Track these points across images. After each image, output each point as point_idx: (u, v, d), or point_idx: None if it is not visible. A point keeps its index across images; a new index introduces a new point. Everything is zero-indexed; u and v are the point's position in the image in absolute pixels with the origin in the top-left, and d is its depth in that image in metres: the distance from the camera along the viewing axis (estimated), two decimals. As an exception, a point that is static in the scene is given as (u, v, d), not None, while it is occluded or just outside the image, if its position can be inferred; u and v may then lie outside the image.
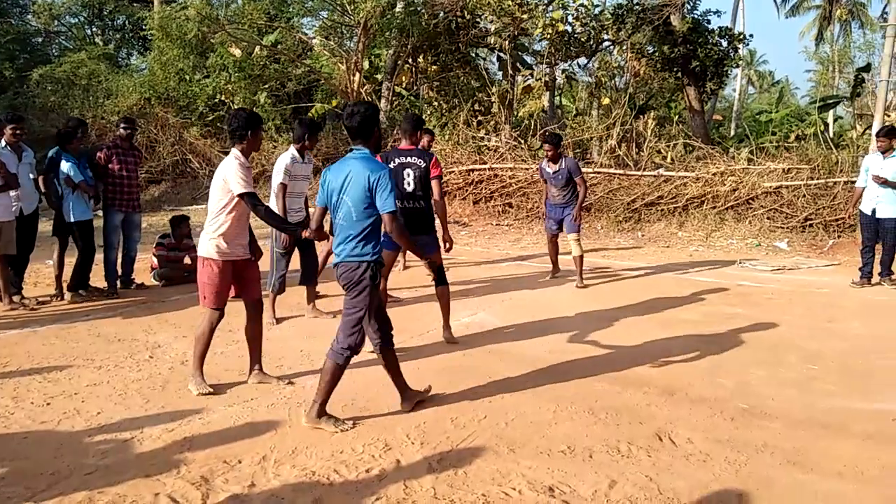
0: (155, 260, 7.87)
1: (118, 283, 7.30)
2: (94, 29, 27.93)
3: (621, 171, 12.96)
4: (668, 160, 13.36)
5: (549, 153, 7.83)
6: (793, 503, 3.13)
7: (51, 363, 4.95)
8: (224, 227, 4.30)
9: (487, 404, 4.26)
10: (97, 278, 7.39)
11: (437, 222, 5.55)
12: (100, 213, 7.33)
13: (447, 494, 3.17)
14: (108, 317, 6.33)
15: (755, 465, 3.49)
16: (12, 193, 6.36)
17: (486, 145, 14.51)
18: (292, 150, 6.17)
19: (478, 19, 16.75)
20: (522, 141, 14.44)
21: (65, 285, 6.95)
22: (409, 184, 5.33)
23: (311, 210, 6.09)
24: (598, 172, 12.98)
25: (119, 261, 7.34)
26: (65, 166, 6.67)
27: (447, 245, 5.50)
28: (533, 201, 13.09)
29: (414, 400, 4.19)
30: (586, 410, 4.17)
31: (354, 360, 5.04)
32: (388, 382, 4.57)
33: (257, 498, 3.13)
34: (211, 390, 4.35)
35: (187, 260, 7.97)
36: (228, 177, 4.22)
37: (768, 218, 11.41)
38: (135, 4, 24.06)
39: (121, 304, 6.87)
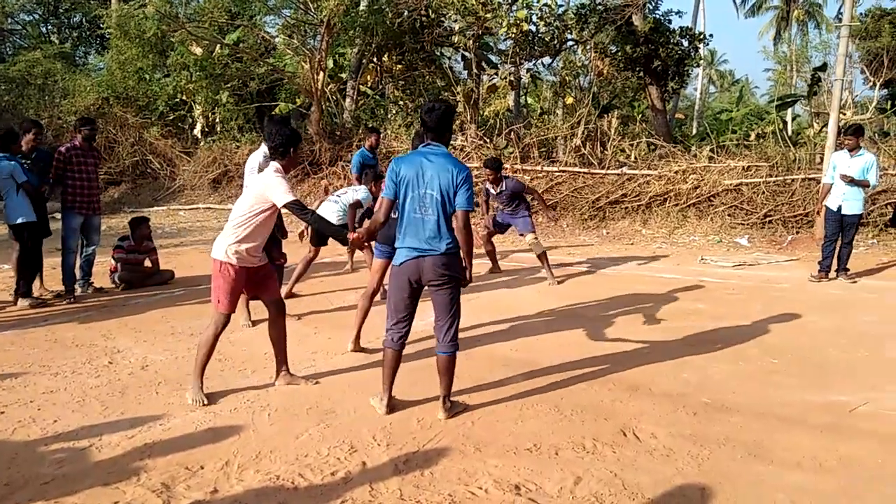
0: (114, 263, 7.69)
1: (77, 286, 7.12)
2: (49, 27, 27.22)
3: (586, 170, 13.08)
4: (632, 159, 13.52)
5: (490, 177, 8.07)
6: (754, 495, 3.18)
7: (6, 370, 4.80)
8: (248, 235, 4.21)
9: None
10: (54, 282, 7.21)
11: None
12: (57, 215, 7.15)
13: (413, 495, 3.15)
14: (66, 322, 6.17)
15: (717, 458, 3.55)
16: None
17: (451, 144, 14.51)
18: (264, 148, 6.07)
19: (442, 18, 16.73)
20: (488, 140, 14.47)
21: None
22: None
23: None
24: (564, 171, 13.08)
25: (77, 264, 7.17)
26: (7, 167, 6.45)
27: None
28: (499, 200, 13.13)
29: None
30: (552, 408, 4.19)
31: (317, 364, 5.03)
32: (353, 384, 4.56)
33: (220, 504, 3.08)
34: (206, 402, 4.22)
35: (147, 263, 7.81)
36: (272, 189, 4.12)
37: (729, 215, 11.63)
38: (92, 2, 23.54)
39: (79, 308, 6.70)
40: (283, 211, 4.28)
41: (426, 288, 4.00)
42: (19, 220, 6.55)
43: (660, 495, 3.17)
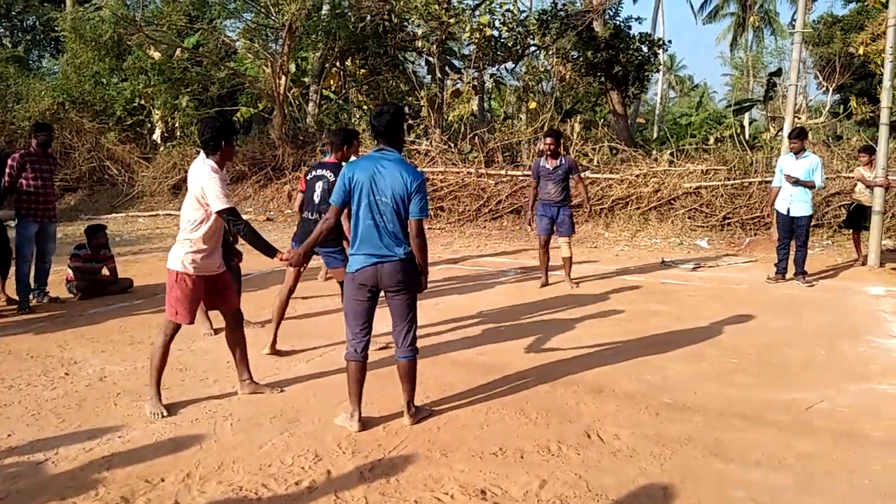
0: (70, 272, 7.50)
1: (31, 296, 6.93)
2: (1, 30, 26.51)
3: (549, 174, 13.18)
4: (594, 163, 13.69)
5: (551, 147, 7.63)
6: (715, 493, 3.24)
7: (-45, 384, 4.64)
8: (200, 242, 4.11)
9: (420, 409, 4.24)
10: (8, 291, 7.01)
11: None
12: (12, 223, 6.95)
13: (379, 503, 3.14)
14: (21, 333, 5.99)
15: (679, 458, 3.60)
16: None
17: (416, 149, 14.51)
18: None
19: (405, 23, 16.75)
20: (452, 144, 14.52)
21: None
22: (317, 196, 5.42)
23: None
24: (528, 175, 13.16)
25: (32, 273, 6.98)
26: None
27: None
28: (464, 204, 13.17)
29: None
30: (517, 411, 4.21)
31: (280, 372, 4.97)
32: (317, 392, 4.52)
33: (181, 517, 3.02)
34: (166, 413, 4.12)
35: (105, 271, 7.64)
36: (207, 191, 4.01)
37: (689, 217, 11.86)
38: (45, 5, 22.99)
39: (34, 318, 6.52)
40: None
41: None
42: None
43: (624, 496, 3.21)
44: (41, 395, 4.48)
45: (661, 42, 16.97)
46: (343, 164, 5.51)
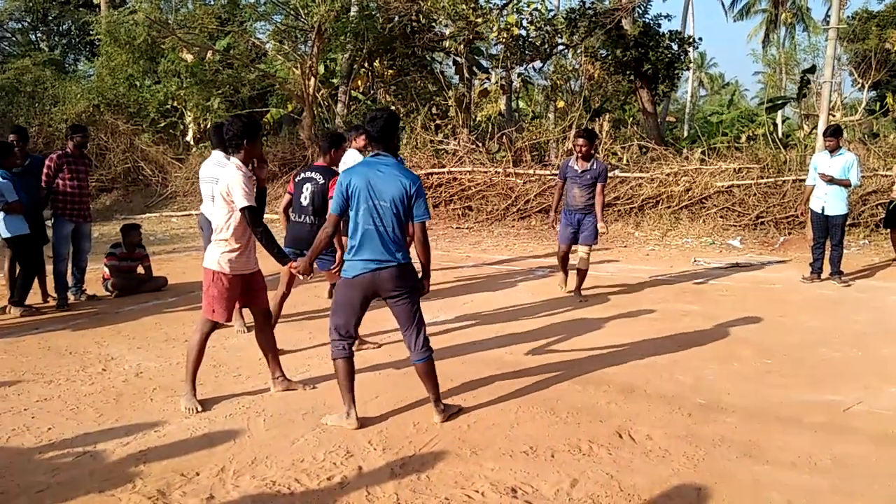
0: (106, 270, 7.66)
1: (69, 294, 7.09)
2: (38, 34, 27.13)
3: (578, 173, 13.11)
4: (624, 161, 13.59)
5: (582, 149, 6.98)
6: (749, 495, 3.20)
7: (-2, 379, 4.77)
8: (232, 241, 4.18)
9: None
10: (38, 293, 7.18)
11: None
12: (49, 222, 7.12)
13: (410, 499, 3.15)
14: (59, 329, 6.13)
15: (713, 459, 3.56)
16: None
17: (444, 149, 14.54)
18: (216, 156, 5.96)
19: (433, 23, 16.79)
20: (480, 144, 14.51)
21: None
22: (304, 198, 5.48)
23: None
24: (556, 174, 13.10)
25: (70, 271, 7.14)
26: (1, 186, 6.40)
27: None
28: (492, 204, 13.16)
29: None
30: (548, 410, 4.20)
31: (311, 369, 5.02)
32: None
33: (216, 510, 3.06)
34: (200, 408, 4.18)
35: (140, 269, 7.78)
36: (232, 188, 4.07)
37: (721, 216, 11.70)
38: (81, 9, 23.47)
39: (72, 316, 6.67)
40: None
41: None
42: (5, 235, 6.51)
43: (656, 496, 3.18)
44: (80, 389, 4.58)
45: (690, 39, 16.80)
46: (333, 167, 5.54)
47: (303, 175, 5.57)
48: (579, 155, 7.04)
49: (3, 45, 27.05)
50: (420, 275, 3.99)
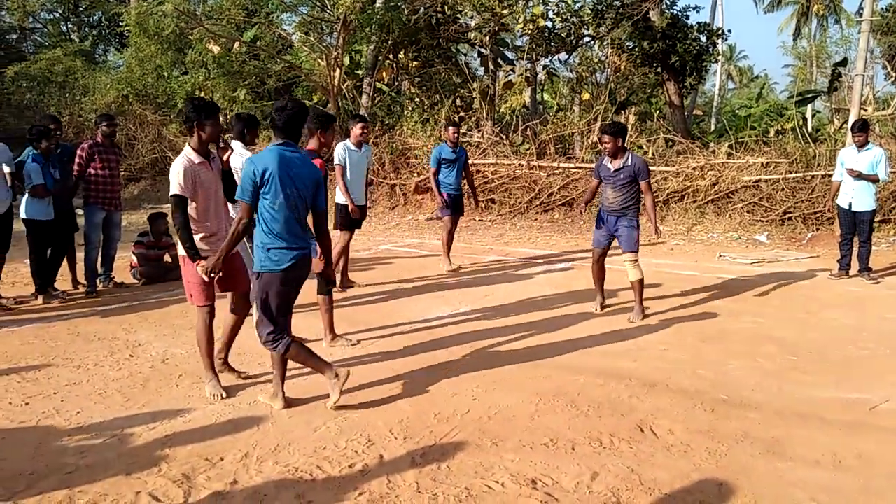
0: (134, 258, 7.79)
1: (98, 281, 7.22)
2: (69, 25, 27.49)
3: (603, 166, 13.02)
4: (650, 155, 13.44)
5: (608, 146, 6.20)
6: (772, 492, 3.17)
7: (29, 363, 4.88)
8: (200, 226, 4.25)
9: (470, 399, 4.26)
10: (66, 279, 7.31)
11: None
12: (80, 210, 7.25)
13: (430, 488, 3.17)
14: (88, 315, 6.25)
15: (735, 454, 3.53)
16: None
17: (468, 141, 14.51)
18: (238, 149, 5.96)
19: (458, 15, 16.71)
20: (504, 136, 14.45)
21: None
22: None
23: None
24: (580, 167, 13.03)
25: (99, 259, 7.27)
26: (29, 168, 6.54)
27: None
28: (515, 197, 13.12)
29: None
30: (568, 403, 4.19)
31: (332, 358, 5.06)
32: (369, 377, 4.59)
33: (240, 495, 3.11)
34: (224, 395, 4.25)
35: (167, 258, 7.89)
36: (171, 175, 4.16)
37: (748, 211, 11.53)
38: (111, 0, 23.74)
39: (100, 302, 6.79)
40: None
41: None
42: (23, 216, 6.63)
43: (677, 490, 3.17)
44: (107, 374, 4.67)
45: (719, 31, 16.52)
46: (319, 153, 5.24)
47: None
48: (607, 153, 6.28)
49: (36, 35, 27.46)
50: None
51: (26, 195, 6.59)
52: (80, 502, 3.02)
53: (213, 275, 4.02)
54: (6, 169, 6.62)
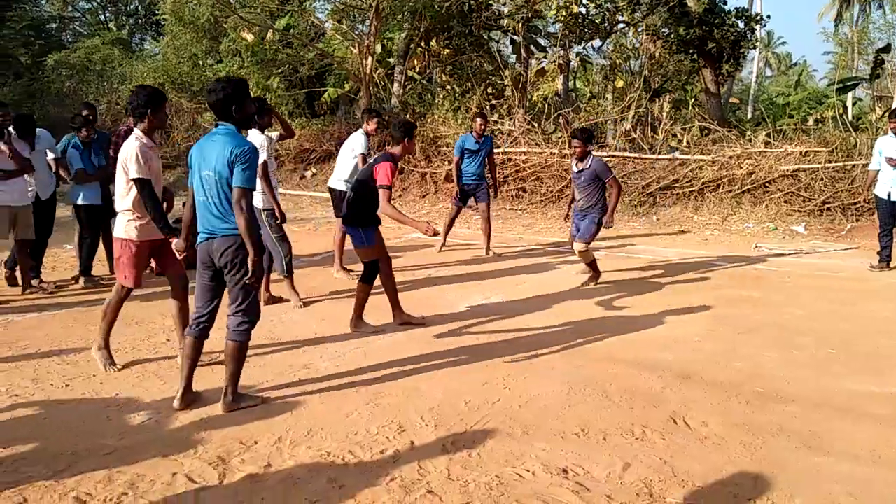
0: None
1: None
2: (107, 14, 27.99)
3: (636, 155, 12.86)
4: (684, 143, 13.23)
5: (578, 150, 6.77)
6: (809, 486, 3.12)
7: (69, 346, 5.00)
8: (136, 210, 4.39)
9: (501, 388, 4.26)
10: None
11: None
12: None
13: (461, 475, 3.18)
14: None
15: (771, 448, 3.48)
16: (27, 178, 6.41)
17: (499, 129, 14.42)
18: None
19: (490, 2, 16.59)
20: (536, 125, 14.34)
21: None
22: None
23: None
24: (613, 156, 12.87)
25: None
26: (70, 155, 6.71)
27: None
28: (547, 185, 13.03)
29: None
30: (600, 394, 4.17)
31: (367, 345, 5.09)
32: (400, 362, 4.62)
33: (273, 478, 3.16)
34: (119, 367, 4.46)
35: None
36: (128, 159, 4.29)
37: (785, 201, 11.29)
38: (147, -11, 24.08)
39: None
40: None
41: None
42: (78, 201, 6.79)
43: (711, 483, 3.13)
44: (145, 358, 4.77)
45: (758, 17, 16.14)
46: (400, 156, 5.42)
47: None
48: (576, 156, 6.83)
49: (75, 24, 28.02)
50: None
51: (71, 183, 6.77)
52: (118, 482, 3.09)
53: (183, 252, 4.25)
54: (50, 155, 6.80)
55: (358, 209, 5.28)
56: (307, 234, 10.50)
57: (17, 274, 6.62)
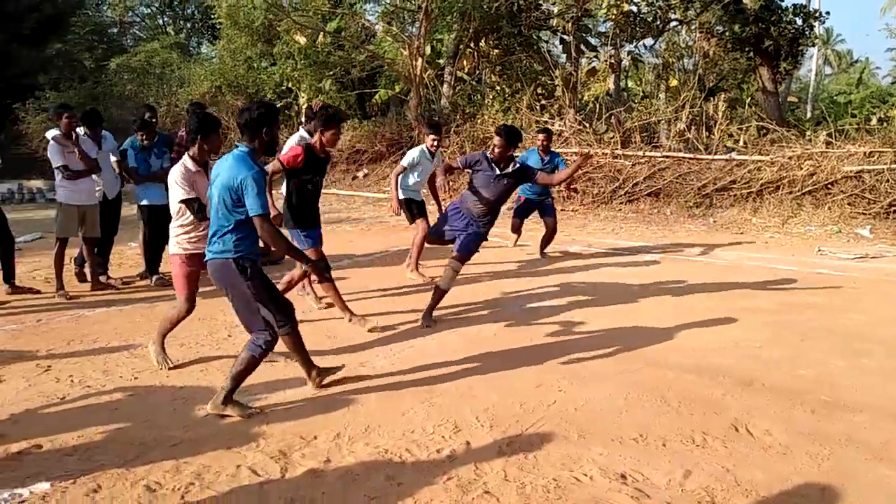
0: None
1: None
2: (165, 19, 28.83)
3: (691, 156, 12.63)
4: (741, 143, 12.93)
5: (499, 150, 5.54)
6: (880, 500, 3.01)
7: (137, 340, 5.18)
8: (184, 224, 4.69)
9: (555, 390, 4.24)
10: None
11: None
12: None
13: (518, 477, 3.18)
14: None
15: (839, 459, 3.37)
16: (95, 178, 6.65)
17: (551, 129, 14.33)
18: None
19: (540, 1, 16.51)
20: (587, 125, 14.21)
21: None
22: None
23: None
24: (667, 156, 12.68)
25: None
26: (129, 155, 6.94)
27: None
28: (599, 186, 12.90)
29: (323, 377, 4.23)
30: (658, 399, 4.10)
31: (417, 345, 5.12)
32: (454, 363, 4.63)
33: (333, 474, 3.21)
34: (171, 364, 4.59)
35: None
36: (173, 182, 4.60)
37: (849, 204, 10.93)
38: (203, -6, 24.71)
39: (200, 284, 7.08)
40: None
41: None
42: (143, 202, 7.00)
43: (776, 494, 3.05)
44: (207, 353, 4.90)
45: (817, 14, 15.69)
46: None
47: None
48: (497, 156, 5.55)
49: (135, 29, 28.94)
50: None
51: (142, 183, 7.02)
52: (186, 472, 3.18)
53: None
54: (112, 158, 7.04)
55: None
56: (360, 234, 10.62)
57: (87, 270, 6.87)
